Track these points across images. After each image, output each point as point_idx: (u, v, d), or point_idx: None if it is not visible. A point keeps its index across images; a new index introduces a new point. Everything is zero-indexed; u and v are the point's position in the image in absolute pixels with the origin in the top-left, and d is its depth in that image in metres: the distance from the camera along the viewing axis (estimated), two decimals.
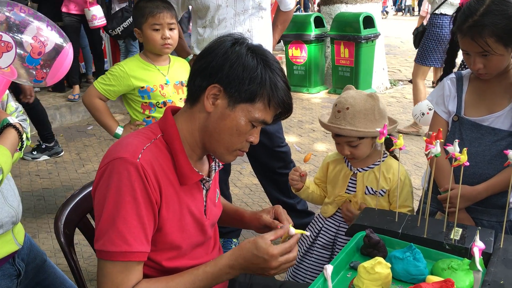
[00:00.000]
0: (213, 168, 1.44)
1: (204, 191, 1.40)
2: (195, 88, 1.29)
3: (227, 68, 1.24)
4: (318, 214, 2.06)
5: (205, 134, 1.31)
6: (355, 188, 1.90)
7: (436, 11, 4.88)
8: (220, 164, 1.46)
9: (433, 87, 6.96)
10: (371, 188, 1.87)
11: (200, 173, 1.34)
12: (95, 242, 1.22)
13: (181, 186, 1.31)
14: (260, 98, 1.26)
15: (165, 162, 1.27)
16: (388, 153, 1.92)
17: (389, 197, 1.88)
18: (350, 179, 1.92)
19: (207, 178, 1.39)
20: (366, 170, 1.89)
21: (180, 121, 1.33)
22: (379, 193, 1.87)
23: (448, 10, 4.78)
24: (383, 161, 1.89)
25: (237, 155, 1.36)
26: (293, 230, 1.31)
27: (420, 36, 5.13)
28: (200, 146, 1.34)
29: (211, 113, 1.28)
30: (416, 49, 5.29)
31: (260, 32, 2.65)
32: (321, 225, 2.00)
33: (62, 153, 4.90)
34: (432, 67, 5.12)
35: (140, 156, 1.21)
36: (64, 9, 5.79)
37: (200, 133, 1.31)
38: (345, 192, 1.92)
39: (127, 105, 2.43)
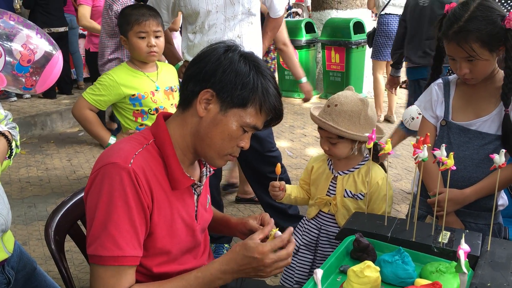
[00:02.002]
0: (204, 174, 1.45)
1: (195, 196, 1.41)
2: (188, 93, 1.31)
3: (220, 74, 1.26)
4: (304, 217, 2.07)
5: (197, 138, 1.32)
6: (334, 190, 1.92)
7: (382, 12, 5.64)
8: (211, 169, 1.46)
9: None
10: (350, 191, 1.88)
11: (192, 178, 1.34)
12: (87, 247, 1.22)
13: (173, 191, 1.31)
14: (252, 104, 1.27)
15: (157, 167, 1.28)
16: (369, 157, 1.94)
17: (368, 201, 1.88)
18: (331, 181, 1.94)
19: (198, 183, 1.39)
20: (346, 174, 1.91)
21: (172, 126, 1.34)
22: (357, 196, 1.88)
23: (392, 10, 5.56)
24: (363, 164, 1.91)
25: (228, 160, 1.37)
26: (279, 233, 1.32)
27: (372, 36, 5.85)
28: (192, 150, 1.35)
29: (203, 117, 1.29)
30: (370, 47, 6.08)
31: (250, 38, 2.66)
32: (305, 227, 2.02)
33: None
34: (386, 62, 5.89)
35: (132, 161, 1.21)
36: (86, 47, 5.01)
37: (191, 138, 1.32)
38: (326, 195, 1.94)
39: (118, 114, 2.42)
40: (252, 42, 2.67)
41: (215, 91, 1.26)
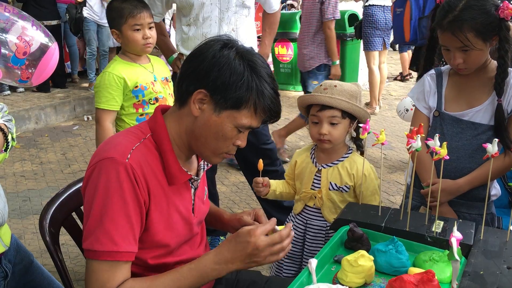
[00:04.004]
0: (202, 167, 1.45)
1: (193, 190, 1.41)
2: (182, 90, 1.29)
3: (214, 74, 1.23)
4: (291, 212, 2.07)
5: (192, 137, 1.31)
6: (319, 184, 1.91)
7: (367, 4, 5.80)
8: (209, 163, 1.46)
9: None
10: (335, 184, 1.87)
11: (189, 173, 1.34)
12: (83, 241, 1.22)
13: (170, 186, 1.31)
14: (246, 106, 1.25)
15: (154, 162, 1.28)
16: (352, 149, 1.94)
17: (355, 192, 1.89)
18: (315, 175, 1.92)
19: (195, 177, 1.39)
20: (330, 166, 1.90)
21: (168, 121, 1.33)
22: (343, 189, 1.87)
23: (376, 1, 5.71)
24: (346, 157, 1.90)
25: (224, 157, 1.36)
26: (277, 228, 1.31)
27: (359, 28, 6.00)
28: (188, 147, 1.35)
29: (197, 117, 1.28)
30: (357, 39, 6.28)
31: (245, 31, 2.66)
32: (293, 222, 2.01)
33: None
34: (378, 52, 5.97)
35: (129, 156, 1.21)
36: None
37: (187, 136, 1.32)
38: (310, 189, 1.92)
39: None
40: (246, 34, 2.67)
41: (208, 92, 1.24)
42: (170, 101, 2.42)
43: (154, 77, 2.38)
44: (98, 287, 1.19)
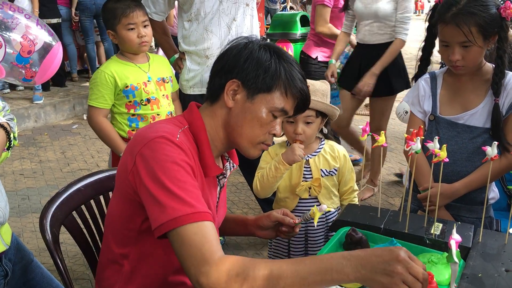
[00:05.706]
0: (228, 168, 1.46)
1: (219, 188, 1.43)
2: (215, 87, 1.33)
3: (242, 63, 1.29)
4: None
5: (228, 129, 1.34)
6: (310, 174, 1.95)
7: None
8: (234, 164, 1.47)
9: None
10: (326, 170, 1.95)
11: (220, 167, 1.37)
12: (155, 219, 1.14)
13: (205, 177, 1.33)
14: (277, 87, 1.29)
15: (194, 150, 1.29)
16: (324, 138, 2.02)
17: (338, 175, 1.99)
18: (304, 167, 1.96)
19: (225, 173, 1.42)
20: (315, 155, 1.96)
21: (203, 115, 1.36)
22: (332, 172, 1.96)
23: None
24: (323, 145, 1.98)
25: (261, 149, 1.38)
26: (325, 206, 1.46)
27: None
28: (224, 141, 1.37)
29: (232, 108, 1.31)
30: None
31: (246, 22, 2.65)
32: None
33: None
34: None
35: (178, 136, 1.23)
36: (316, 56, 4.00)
37: (223, 129, 1.34)
38: (302, 180, 1.96)
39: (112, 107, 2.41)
40: (248, 24, 2.66)
41: (240, 80, 1.29)
42: (164, 103, 2.43)
43: (148, 77, 2.38)
44: (195, 254, 1.08)
